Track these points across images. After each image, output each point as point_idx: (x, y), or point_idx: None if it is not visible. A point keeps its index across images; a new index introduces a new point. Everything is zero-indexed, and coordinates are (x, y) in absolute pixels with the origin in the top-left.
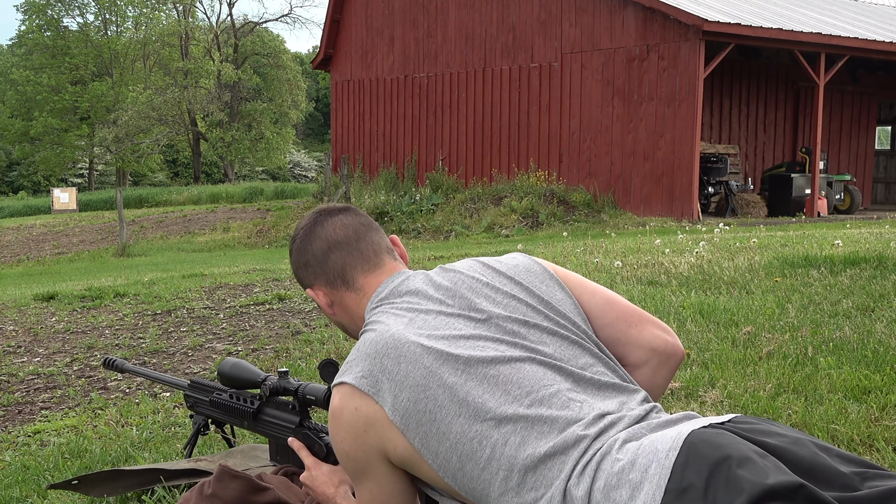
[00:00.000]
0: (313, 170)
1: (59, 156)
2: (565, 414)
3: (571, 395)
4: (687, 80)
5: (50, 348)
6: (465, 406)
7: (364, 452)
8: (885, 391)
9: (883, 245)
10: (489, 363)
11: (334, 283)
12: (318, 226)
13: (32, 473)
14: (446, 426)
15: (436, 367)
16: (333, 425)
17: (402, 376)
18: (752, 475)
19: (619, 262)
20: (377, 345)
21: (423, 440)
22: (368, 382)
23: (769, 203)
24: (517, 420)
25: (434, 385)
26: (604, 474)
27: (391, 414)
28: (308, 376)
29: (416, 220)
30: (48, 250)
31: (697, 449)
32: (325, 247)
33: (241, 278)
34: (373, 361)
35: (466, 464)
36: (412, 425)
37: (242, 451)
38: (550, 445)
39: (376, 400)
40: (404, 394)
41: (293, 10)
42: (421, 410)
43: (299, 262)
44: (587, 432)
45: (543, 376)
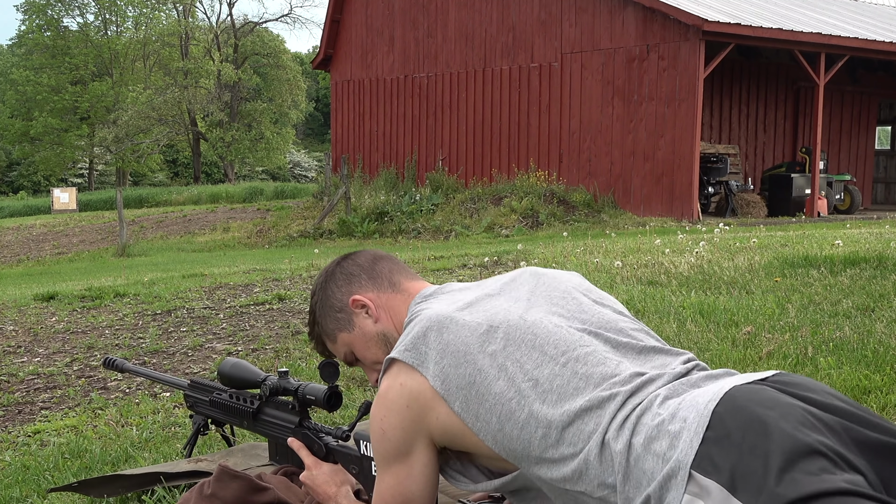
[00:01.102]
0: (313, 170)
1: (59, 156)
2: (600, 370)
3: (608, 354)
4: (687, 80)
5: (50, 348)
6: (504, 369)
7: (403, 430)
8: (885, 391)
9: (883, 245)
10: (527, 328)
11: (381, 286)
12: (357, 255)
13: (32, 473)
14: (486, 388)
15: (477, 335)
16: (376, 404)
17: (444, 344)
18: (790, 427)
19: (619, 262)
20: (421, 324)
21: (464, 403)
22: (412, 354)
23: (769, 203)
24: (553, 378)
25: (475, 350)
26: (644, 428)
27: (433, 380)
28: (308, 376)
29: (416, 220)
30: (48, 250)
31: (737, 401)
32: (371, 258)
33: (241, 278)
34: (416, 338)
35: (506, 424)
36: (453, 389)
37: (243, 450)
38: (586, 400)
39: (420, 371)
40: (446, 359)
41: (293, 10)
42: (462, 374)
43: (340, 280)
44: (622, 388)
45: (580, 338)
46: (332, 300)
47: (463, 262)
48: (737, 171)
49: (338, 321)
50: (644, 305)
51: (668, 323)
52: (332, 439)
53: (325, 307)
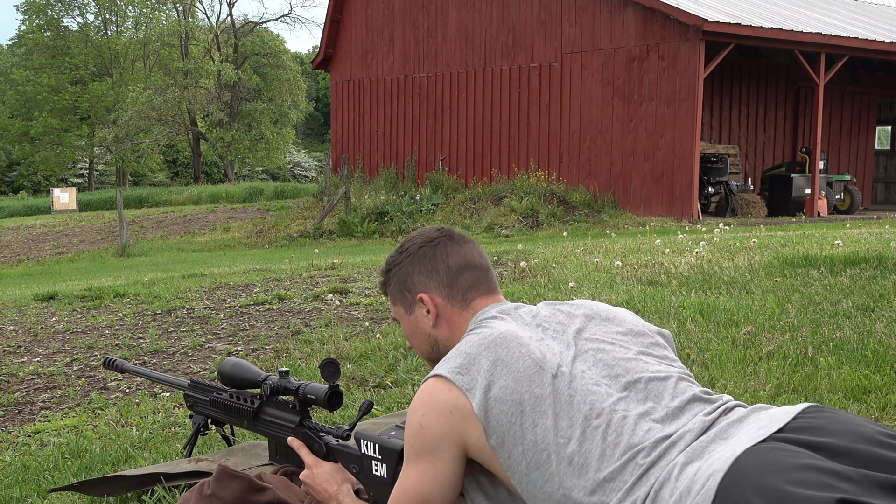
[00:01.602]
0: (313, 170)
1: (59, 156)
2: (627, 440)
3: (640, 420)
4: (687, 80)
5: (50, 348)
6: (544, 417)
7: (440, 431)
8: (885, 391)
9: (883, 245)
10: (570, 382)
11: (454, 298)
12: (458, 244)
13: (32, 473)
14: (522, 433)
15: (527, 375)
16: (419, 399)
17: (494, 377)
18: (801, 494)
19: (619, 262)
20: (480, 343)
21: (500, 440)
22: (463, 379)
23: (769, 203)
24: (583, 441)
25: (523, 390)
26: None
27: (477, 410)
28: (308, 376)
29: (416, 220)
30: (48, 250)
31: (745, 465)
32: (462, 263)
33: (241, 278)
34: (470, 358)
35: (533, 472)
36: (493, 424)
37: (243, 450)
38: (609, 471)
39: (466, 395)
40: (493, 392)
41: (293, 10)
42: (504, 412)
43: (426, 268)
44: (646, 460)
45: (615, 402)
46: (408, 280)
47: None
48: (737, 171)
49: (403, 297)
50: (644, 305)
51: (668, 323)
52: (332, 439)
53: (400, 278)
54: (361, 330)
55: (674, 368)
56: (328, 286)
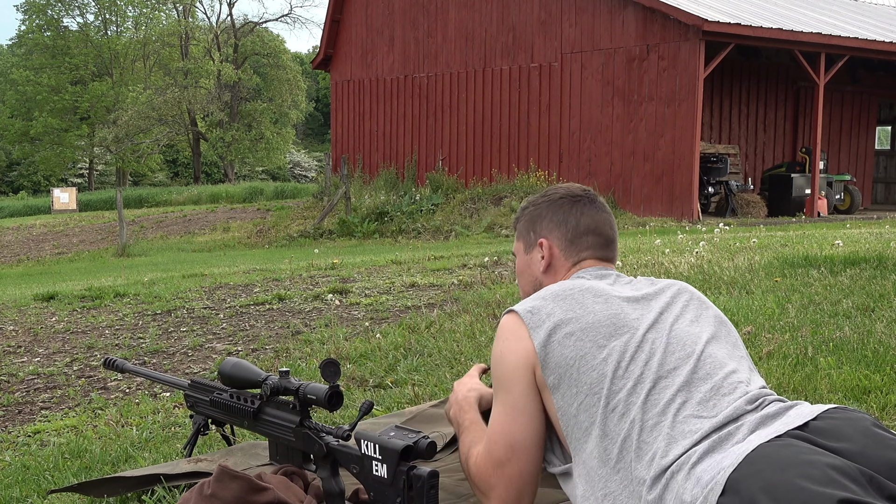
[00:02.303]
0: (313, 170)
1: (59, 156)
2: (663, 406)
3: (683, 408)
4: (687, 80)
5: (50, 348)
6: (602, 366)
7: (516, 356)
8: (885, 391)
9: (883, 245)
10: (638, 346)
11: (570, 253)
12: (595, 209)
13: (32, 473)
14: (578, 376)
15: (594, 327)
16: (499, 329)
17: (564, 320)
18: (808, 486)
19: (618, 262)
20: (560, 290)
21: (557, 380)
22: (532, 317)
23: (769, 203)
24: (631, 393)
25: (587, 340)
26: (674, 489)
27: (538, 348)
28: (308, 376)
29: (416, 220)
30: (48, 250)
31: (754, 463)
32: (592, 227)
33: (241, 278)
34: (545, 301)
35: (581, 414)
36: (551, 364)
37: (243, 449)
38: (640, 431)
39: (531, 333)
40: (556, 336)
41: (293, 10)
42: (564, 355)
43: (558, 217)
44: (671, 433)
45: (669, 379)
46: (537, 222)
47: (463, 262)
48: (737, 171)
49: (528, 236)
50: None
51: None
52: (332, 439)
53: (532, 217)
54: (361, 330)
55: (741, 364)
56: (328, 286)
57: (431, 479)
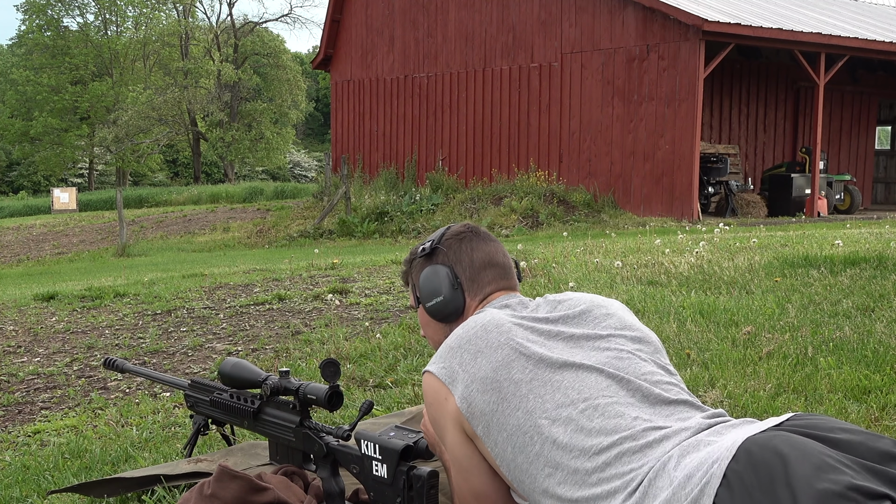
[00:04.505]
0: (313, 170)
1: (59, 156)
2: (613, 423)
3: (626, 408)
4: (687, 80)
5: (50, 348)
6: (525, 402)
7: (441, 416)
8: (885, 391)
9: (883, 245)
10: (556, 367)
11: (474, 293)
12: (483, 241)
13: (32, 473)
14: (505, 418)
15: (506, 363)
16: (424, 394)
17: (476, 369)
18: (810, 473)
19: (619, 262)
20: (463, 334)
21: (486, 428)
22: (445, 372)
23: (769, 203)
24: (567, 422)
25: (502, 378)
26: (660, 492)
27: (459, 402)
28: (308, 376)
29: (416, 220)
30: (48, 250)
31: (752, 453)
32: (486, 260)
33: (241, 278)
34: (452, 352)
35: (518, 456)
36: (476, 413)
37: (243, 449)
38: (595, 453)
39: (450, 388)
40: (473, 385)
41: (293, 10)
42: (486, 401)
43: (450, 259)
44: (633, 444)
45: (606, 387)
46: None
47: None
48: (737, 171)
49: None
50: (644, 305)
51: (668, 323)
52: (332, 439)
53: (419, 269)
54: (361, 330)
55: (664, 371)
56: (328, 286)
57: (431, 479)
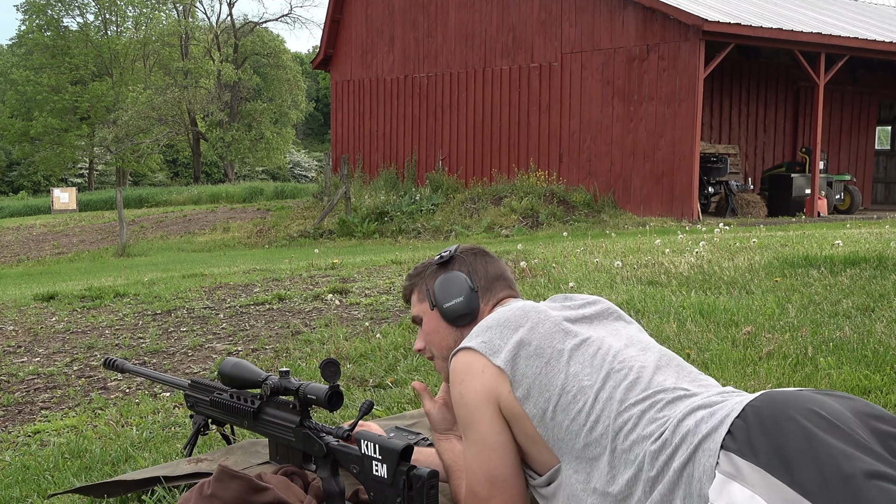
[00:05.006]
0: (313, 170)
1: (59, 156)
2: (646, 382)
3: (657, 373)
4: (687, 80)
5: (50, 348)
6: (568, 366)
7: (476, 392)
8: (885, 391)
9: (883, 245)
10: (591, 341)
11: (488, 301)
12: (492, 259)
13: (32, 473)
14: (548, 379)
15: (549, 335)
16: (453, 372)
17: (518, 340)
18: (820, 410)
19: (619, 262)
20: (499, 317)
21: (526, 391)
22: (486, 345)
23: (769, 203)
24: (607, 380)
25: (545, 346)
26: (685, 426)
27: (504, 365)
28: (308, 376)
29: (416, 220)
30: (48, 250)
31: (771, 395)
32: (499, 273)
33: (241, 278)
34: (490, 330)
35: (559, 414)
36: (518, 376)
37: (242, 448)
38: (632, 402)
39: (491, 359)
40: (517, 351)
41: (293, 10)
42: (529, 365)
43: (467, 267)
44: (665, 396)
45: (638, 354)
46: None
47: None
48: (737, 171)
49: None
50: (644, 305)
51: (668, 323)
52: (332, 439)
53: (434, 276)
54: (361, 330)
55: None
56: (328, 286)
57: (431, 479)
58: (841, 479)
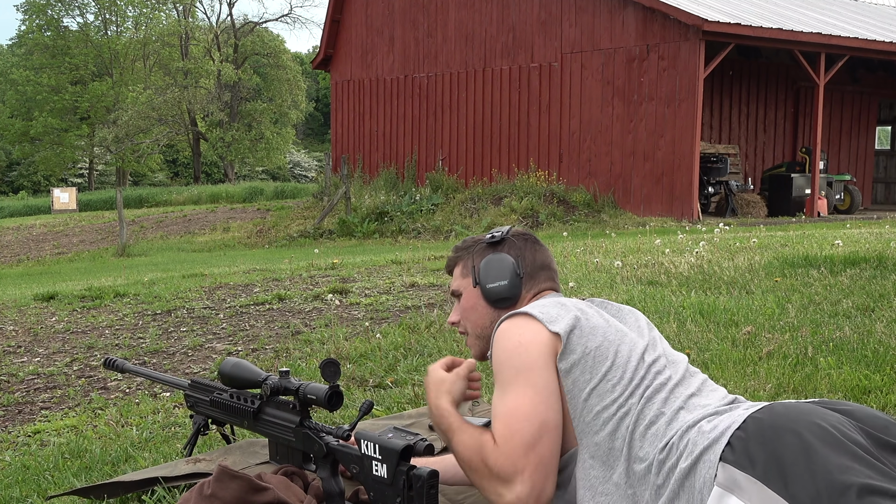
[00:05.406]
0: (313, 170)
1: (59, 156)
2: (673, 384)
3: (680, 384)
4: (687, 80)
5: (50, 348)
6: (614, 358)
7: (539, 346)
8: (885, 391)
9: (883, 245)
10: (635, 343)
11: (529, 288)
12: (542, 247)
13: (32, 473)
14: (594, 363)
15: (602, 328)
16: (510, 327)
17: (575, 317)
18: (821, 422)
19: (619, 262)
20: (555, 300)
21: (570, 364)
22: (544, 315)
23: (769, 203)
24: (643, 379)
25: (599, 334)
26: (690, 434)
27: (562, 331)
28: (308, 376)
29: (416, 220)
30: (48, 250)
31: (775, 407)
32: (545, 262)
33: (241, 278)
34: (549, 306)
35: (592, 398)
36: (569, 347)
37: (241, 448)
38: (654, 413)
39: (549, 326)
40: (575, 326)
41: (293, 10)
42: (582, 342)
43: (514, 253)
44: (679, 405)
45: (665, 367)
46: (496, 262)
47: None
48: (737, 171)
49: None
50: (644, 305)
51: (668, 323)
52: (332, 439)
53: (482, 254)
54: (361, 330)
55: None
56: (328, 286)
57: (431, 479)
58: (835, 493)
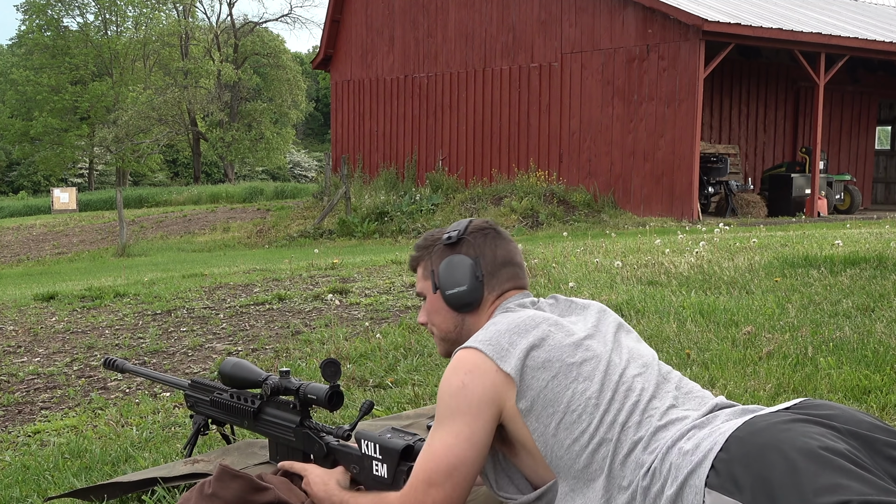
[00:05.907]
0: (313, 170)
1: (59, 156)
2: (646, 403)
3: (655, 397)
4: (687, 80)
5: (50, 348)
6: (575, 384)
7: (483, 389)
8: (885, 391)
9: (883, 245)
10: (598, 357)
11: (492, 287)
12: (504, 240)
13: (32, 473)
14: (554, 396)
15: (559, 348)
16: (458, 363)
17: (528, 348)
18: (807, 439)
19: (619, 262)
20: (511, 322)
21: (530, 403)
22: (495, 350)
23: (769, 203)
24: (612, 403)
25: (554, 359)
26: (670, 459)
27: (513, 373)
28: (308, 376)
29: (416, 220)
30: (48, 250)
31: (756, 425)
32: (507, 258)
33: (241, 278)
34: (501, 335)
35: (562, 432)
36: (524, 387)
37: (238, 449)
38: (633, 431)
39: (500, 364)
40: (527, 360)
41: (293, 10)
42: (537, 377)
43: (475, 251)
44: (658, 422)
45: (636, 377)
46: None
47: None
48: (737, 171)
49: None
50: (644, 305)
51: (668, 323)
52: (333, 439)
53: (440, 256)
54: (361, 330)
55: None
56: (328, 286)
57: None
58: None
